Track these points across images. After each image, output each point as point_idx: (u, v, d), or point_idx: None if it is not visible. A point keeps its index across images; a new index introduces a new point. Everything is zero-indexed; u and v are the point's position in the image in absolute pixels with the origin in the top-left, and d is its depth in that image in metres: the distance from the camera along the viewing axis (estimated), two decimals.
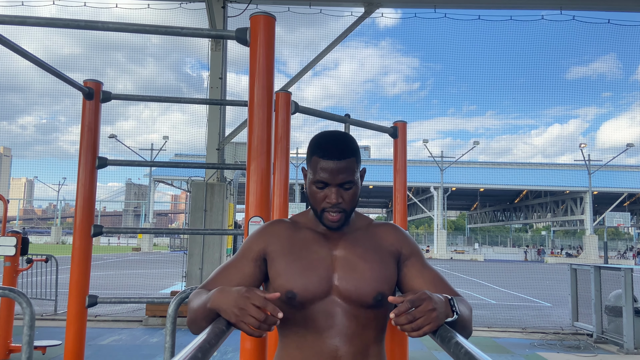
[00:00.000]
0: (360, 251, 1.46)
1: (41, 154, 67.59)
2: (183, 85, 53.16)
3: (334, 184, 1.42)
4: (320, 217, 1.47)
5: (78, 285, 3.24)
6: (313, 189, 1.47)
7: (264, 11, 2.37)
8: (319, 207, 1.46)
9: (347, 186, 1.44)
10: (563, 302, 11.43)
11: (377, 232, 1.54)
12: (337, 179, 1.41)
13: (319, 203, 1.46)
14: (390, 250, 1.50)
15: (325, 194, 1.44)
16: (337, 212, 1.44)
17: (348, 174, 1.43)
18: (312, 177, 1.46)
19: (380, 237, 1.53)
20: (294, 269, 1.41)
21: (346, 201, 1.45)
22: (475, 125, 59.97)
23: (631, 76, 21.03)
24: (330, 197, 1.43)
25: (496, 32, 11.85)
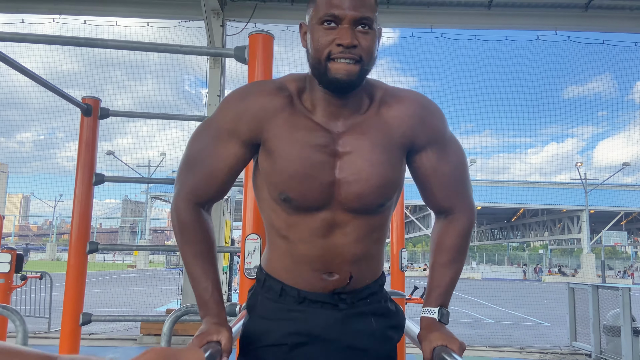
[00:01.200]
0: (366, 148, 1.21)
1: (38, 170, 67.64)
2: (182, 102, 53.67)
3: (347, 20, 1.12)
4: (325, 70, 1.14)
5: (72, 303, 3.21)
6: (317, 33, 1.14)
7: (262, 30, 2.40)
8: (323, 54, 1.13)
9: (364, 27, 1.13)
10: (561, 321, 11.35)
11: (390, 113, 1.24)
12: (352, 12, 1.11)
13: (324, 48, 1.13)
14: (402, 142, 1.25)
15: (334, 34, 1.12)
16: (350, 59, 1.12)
17: (367, 8, 1.13)
18: (316, 17, 1.15)
19: (393, 124, 1.24)
20: (292, 170, 1.19)
21: (363, 47, 1.13)
22: (472, 144, 60.32)
23: (627, 95, 21.45)
24: (343, 35, 1.11)
25: (493, 51, 12.02)
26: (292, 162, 1.19)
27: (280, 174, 1.20)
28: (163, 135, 71.53)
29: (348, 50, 1.11)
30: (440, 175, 1.29)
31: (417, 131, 1.25)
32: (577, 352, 8.09)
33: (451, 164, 1.30)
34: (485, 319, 13.39)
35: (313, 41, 1.15)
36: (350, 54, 1.11)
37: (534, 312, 15.38)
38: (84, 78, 44.27)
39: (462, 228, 1.33)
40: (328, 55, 1.12)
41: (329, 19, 1.12)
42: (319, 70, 1.15)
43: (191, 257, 1.29)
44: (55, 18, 9.21)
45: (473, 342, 8.82)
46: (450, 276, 1.34)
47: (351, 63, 1.12)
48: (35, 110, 39.00)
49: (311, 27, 1.17)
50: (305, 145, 1.19)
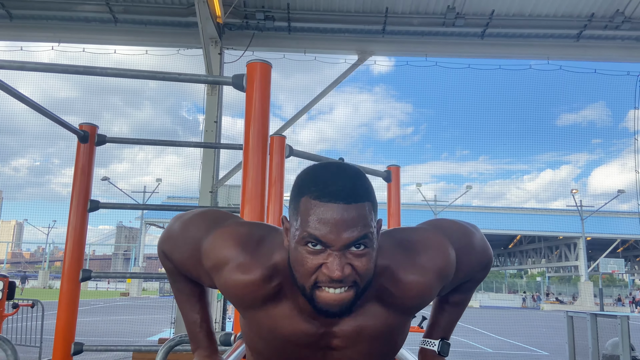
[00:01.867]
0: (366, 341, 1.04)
1: (32, 196, 67.26)
2: (179, 128, 53.86)
3: (337, 246, 0.88)
4: (311, 296, 0.93)
5: (64, 332, 3.15)
6: (300, 253, 0.91)
7: (260, 58, 2.43)
8: (308, 281, 0.91)
9: (359, 247, 0.90)
10: (560, 350, 11.21)
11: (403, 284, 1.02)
12: (343, 237, 0.88)
13: (309, 274, 0.91)
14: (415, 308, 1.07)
15: (320, 260, 0.90)
16: (341, 287, 0.90)
17: (362, 226, 0.89)
18: (299, 232, 0.91)
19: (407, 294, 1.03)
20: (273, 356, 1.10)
21: (359, 271, 0.90)
22: (468, 170, 60.57)
23: (620, 123, 21.65)
24: (331, 266, 0.88)
25: (487, 79, 12.22)
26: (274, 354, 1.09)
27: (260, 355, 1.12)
28: (159, 160, 71.48)
29: (338, 281, 0.89)
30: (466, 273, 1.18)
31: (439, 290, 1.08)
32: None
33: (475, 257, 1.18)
34: (484, 348, 13.21)
35: (296, 260, 0.93)
36: (341, 282, 0.90)
37: (533, 340, 15.20)
38: (82, 105, 44.50)
39: (481, 277, 1.29)
40: (314, 284, 0.91)
41: (313, 245, 0.90)
42: (304, 294, 0.95)
43: (178, 293, 1.28)
44: (54, 46, 9.31)
45: None
46: (457, 313, 1.31)
47: (343, 289, 0.91)
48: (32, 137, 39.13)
49: (293, 240, 0.93)
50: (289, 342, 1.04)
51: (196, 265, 1.10)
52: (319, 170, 0.94)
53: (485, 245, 1.20)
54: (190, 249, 1.11)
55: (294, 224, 0.93)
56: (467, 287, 1.26)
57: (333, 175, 0.91)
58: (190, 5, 8.42)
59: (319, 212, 0.88)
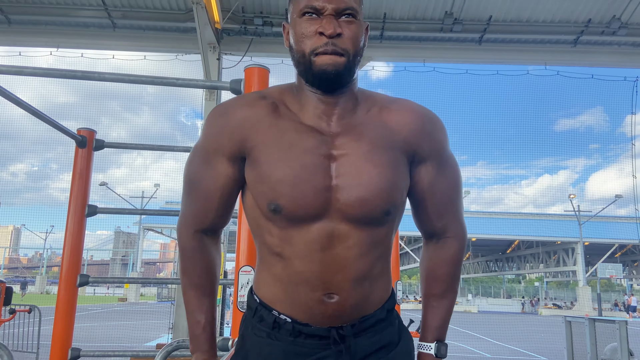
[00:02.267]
0: (365, 149, 1.10)
1: (30, 201, 67.13)
2: (177, 133, 53.88)
3: (330, 10, 1.06)
4: (310, 64, 1.08)
5: (61, 338, 3.14)
6: (298, 26, 1.09)
7: (258, 63, 2.43)
8: (308, 49, 1.07)
9: (347, 17, 1.08)
10: (558, 355, 11.19)
11: (392, 117, 1.16)
12: (333, 2, 1.06)
13: (307, 42, 1.07)
14: (404, 147, 1.15)
15: (316, 26, 1.06)
16: (334, 52, 1.06)
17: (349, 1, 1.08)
18: (296, 10, 1.10)
19: (395, 128, 1.15)
20: (279, 174, 1.08)
21: (347, 37, 1.07)
22: (467, 175, 60.68)
23: (617, 128, 21.75)
24: (325, 25, 1.05)
25: (485, 85, 12.24)
26: (279, 166, 1.08)
27: (267, 181, 1.09)
28: (157, 166, 71.52)
29: (332, 41, 1.05)
30: (437, 191, 1.21)
31: (420, 140, 1.17)
32: None
33: (448, 182, 1.23)
34: (483, 353, 13.18)
35: (295, 35, 1.09)
36: (334, 46, 1.05)
37: (531, 345, 15.17)
38: (80, 110, 44.55)
39: (454, 254, 1.25)
40: (312, 50, 1.07)
41: (309, 11, 1.07)
42: (304, 65, 1.09)
43: (188, 288, 1.24)
44: (52, 51, 9.32)
45: None
46: (445, 308, 1.27)
47: (335, 54, 1.06)
48: (30, 142, 39.14)
49: (292, 22, 1.12)
50: (293, 148, 1.09)
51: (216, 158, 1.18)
52: None
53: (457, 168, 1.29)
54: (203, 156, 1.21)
55: (292, 10, 1.11)
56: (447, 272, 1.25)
57: None
58: (189, 10, 8.44)
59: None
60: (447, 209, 1.23)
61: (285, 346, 1.12)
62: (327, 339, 1.11)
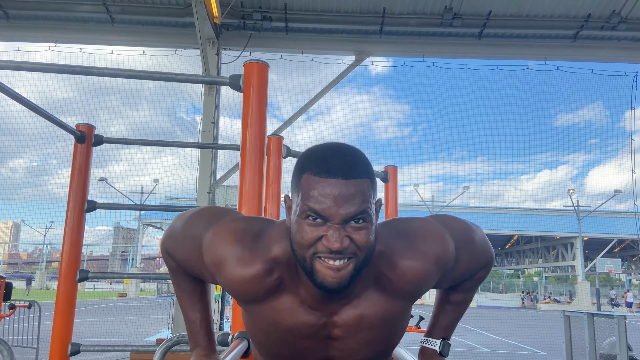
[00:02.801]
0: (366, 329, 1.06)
1: (29, 197, 67.04)
2: (177, 128, 53.73)
3: (337, 219, 0.91)
4: (311, 269, 0.94)
5: (61, 333, 3.14)
6: (301, 226, 0.93)
7: (257, 59, 2.43)
8: (308, 252, 0.93)
9: (358, 221, 0.92)
10: (557, 349, 11.23)
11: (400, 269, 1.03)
12: (342, 211, 0.90)
13: (309, 246, 0.93)
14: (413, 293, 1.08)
15: (320, 232, 0.92)
16: (341, 259, 0.92)
17: (361, 202, 0.91)
18: (300, 206, 0.94)
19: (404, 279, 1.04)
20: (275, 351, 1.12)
21: (359, 243, 0.92)
22: (466, 170, 60.52)
23: (617, 124, 21.63)
24: (330, 238, 0.90)
25: (484, 80, 12.23)
26: (276, 347, 1.10)
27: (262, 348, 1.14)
28: (157, 161, 71.32)
29: (338, 252, 0.91)
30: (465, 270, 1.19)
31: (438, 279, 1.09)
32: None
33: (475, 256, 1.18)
34: (482, 347, 13.22)
35: (297, 233, 0.95)
36: (340, 255, 0.92)
37: (530, 340, 15.22)
38: (79, 105, 44.38)
39: (481, 276, 1.27)
40: (314, 253, 0.93)
41: (313, 218, 0.92)
42: (304, 268, 0.97)
43: (180, 291, 1.28)
44: (50, 46, 9.29)
45: None
46: (458, 313, 1.31)
47: (342, 261, 0.93)
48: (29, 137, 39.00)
49: (295, 214, 0.96)
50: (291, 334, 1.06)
51: (198, 262, 1.12)
52: (320, 148, 0.96)
53: (486, 243, 1.19)
54: (191, 247, 1.14)
55: (296, 200, 0.96)
56: (468, 286, 1.26)
57: (333, 153, 0.94)
58: (188, 5, 8.41)
59: (319, 187, 0.91)
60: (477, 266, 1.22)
61: None
62: None
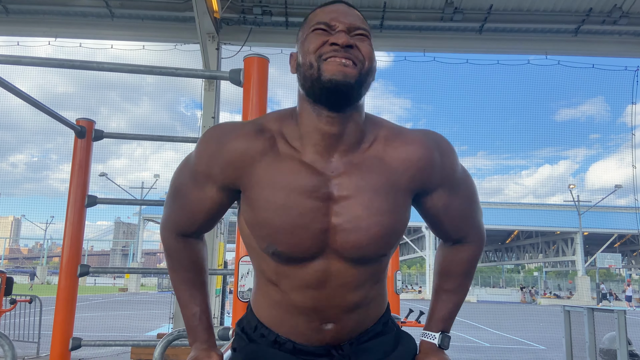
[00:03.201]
0: (366, 194, 1.06)
1: (30, 192, 67.11)
2: (177, 123, 53.63)
3: (342, 26, 1.01)
4: (318, 73, 0.99)
5: (62, 327, 3.15)
6: (308, 41, 1.02)
7: (257, 53, 2.42)
8: (315, 55, 1.00)
9: (359, 33, 1.02)
10: (557, 344, 11.26)
11: (396, 154, 1.10)
12: (347, 20, 1.02)
13: (316, 49, 1.00)
14: (408, 186, 1.11)
15: (327, 37, 1.00)
16: (347, 60, 0.98)
17: (361, 21, 1.05)
18: (307, 29, 1.05)
19: (399, 167, 1.09)
20: (277, 221, 1.05)
21: (362, 50, 1.01)
22: (467, 165, 60.03)
23: (618, 118, 21.57)
24: (337, 36, 0.99)
25: (485, 75, 12.17)
26: (277, 212, 1.05)
27: (265, 227, 1.07)
28: (157, 156, 71.33)
29: (344, 49, 0.98)
30: (453, 210, 1.20)
31: (429, 174, 1.12)
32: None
33: (463, 199, 1.21)
34: (481, 342, 13.26)
35: (303, 49, 1.03)
36: (346, 53, 0.98)
37: (530, 335, 15.26)
38: (79, 100, 44.33)
39: (471, 256, 1.28)
40: (320, 56, 0.99)
41: (321, 27, 1.02)
42: (310, 77, 1.00)
43: (178, 283, 1.26)
44: (50, 41, 9.27)
45: None
46: (454, 302, 1.29)
47: (349, 62, 0.98)
48: (30, 133, 38.99)
49: (300, 43, 1.06)
50: (292, 192, 1.04)
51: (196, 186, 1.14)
52: None
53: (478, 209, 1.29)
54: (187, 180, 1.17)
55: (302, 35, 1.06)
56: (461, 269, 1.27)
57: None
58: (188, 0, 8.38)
59: (325, 9, 1.04)
60: (465, 222, 1.24)
61: (289, 356, 1.16)
62: (327, 355, 1.16)
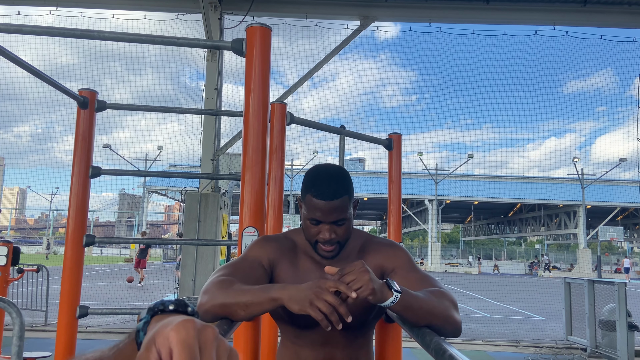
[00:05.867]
0: None
1: (35, 163, 67.49)
2: (181, 95, 53.15)
3: (327, 222, 1.52)
4: (315, 248, 1.59)
5: (69, 296, 3.21)
6: (307, 224, 1.58)
7: (260, 22, 2.39)
8: (313, 240, 1.58)
9: (340, 223, 1.54)
10: (557, 315, 11.41)
11: (368, 256, 1.63)
12: (330, 218, 1.51)
13: (313, 237, 1.58)
14: (376, 273, 1.58)
15: (318, 229, 1.54)
16: (330, 245, 1.56)
17: (340, 212, 1.52)
18: (306, 214, 1.56)
19: (370, 261, 1.61)
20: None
21: (339, 235, 1.56)
22: (472, 138, 60.11)
23: (626, 91, 21.11)
24: (324, 233, 1.54)
25: (492, 46, 11.96)
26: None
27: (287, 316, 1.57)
28: (161, 128, 71.20)
29: (328, 241, 1.54)
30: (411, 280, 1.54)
31: (386, 261, 1.62)
32: (572, 346, 8.13)
33: (418, 274, 1.58)
34: (482, 313, 13.44)
35: (305, 228, 1.59)
36: (330, 244, 1.55)
37: (530, 306, 15.45)
38: (83, 70, 43.87)
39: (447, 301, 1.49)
40: (315, 242, 1.57)
41: (314, 222, 1.54)
42: (311, 244, 1.60)
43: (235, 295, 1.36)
44: (51, 10, 9.15)
45: (469, 336, 8.85)
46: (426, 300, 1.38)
47: (331, 245, 1.55)
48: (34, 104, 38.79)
49: (303, 216, 1.58)
50: (306, 277, 1.57)
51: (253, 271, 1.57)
52: (316, 177, 1.53)
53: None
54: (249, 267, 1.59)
55: (303, 209, 1.57)
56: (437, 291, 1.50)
57: (324, 181, 1.52)
58: None
59: (316, 204, 1.51)
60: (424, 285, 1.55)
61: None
62: None
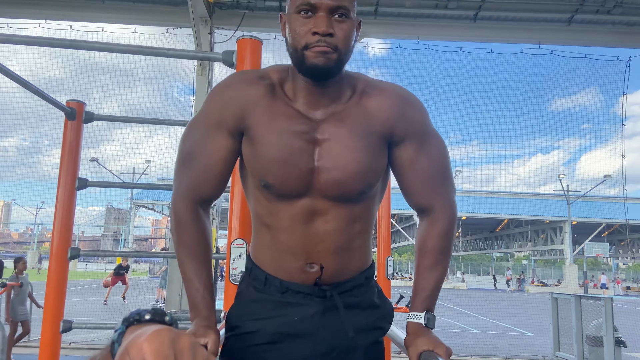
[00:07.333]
0: (345, 135, 1.21)
1: (21, 176, 66.61)
2: (171, 109, 53.11)
3: (323, 8, 1.13)
4: (302, 59, 1.15)
5: (52, 310, 3.15)
6: (294, 22, 1.16)
7: (251, 35, 2.40)
8: (301, 43, 1.15)
9: (340, 16, 1.15)
10: (544, 331, 11.42)
11: (370, 103, 1.25)
12: (328, 0, 1.14)
13: (302, 37, 1.15)
14: (381, 131, 1.24)
15: (310, 25, 1.14)
16: (325, 47, 1.14)
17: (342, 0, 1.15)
18: (293, 5, 1.17)
19: (373, 113, 1.24)
20: (271, 155, 1.20)
21: (339, 36, 1.15)
22: (460, 154, 60.58)
23: (611, 109, 21.58)
24: (318, 24, 1.13)
25: (479, 63, 12.14)
26: (272, 148, 1.20)
27: (260, 160, 1.22)
28: (150, 142, 70.81)
29: (324, 38, 1.13)
30: (418, 168, 1.28)
31: (396, 122, 1.25)
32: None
33: (430, 158, 1.29)
34: (470, 328, 13.42)
35: (291, 30, 1.17)
36: (326, 43, 1.13)
37: (518, 322, 15.46)
38: (71, 84, 43.77)
39: (442, 228, 1.30)
40: (305, 45, 1.14)
41: (305, 8, 1.14)
42: (297, 58, 1.17)
43: (185, 258, 1.28)
44: (40, 23, 9.12)
45: (458, 352, 8.82)
46: (434, 279, 1.30)
47: (327, 47, 1.13)
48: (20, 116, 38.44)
49: (289, 16, 1.19)
50: (285, 132, 1.20)
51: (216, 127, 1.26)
52: None
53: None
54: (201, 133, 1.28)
55: (290, 4, 1.19)
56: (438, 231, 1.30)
57: None
58: None
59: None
60: (432, 185, 1.30)
61: (275, 299, 1.28)
62: (311, 295, 1.26)
